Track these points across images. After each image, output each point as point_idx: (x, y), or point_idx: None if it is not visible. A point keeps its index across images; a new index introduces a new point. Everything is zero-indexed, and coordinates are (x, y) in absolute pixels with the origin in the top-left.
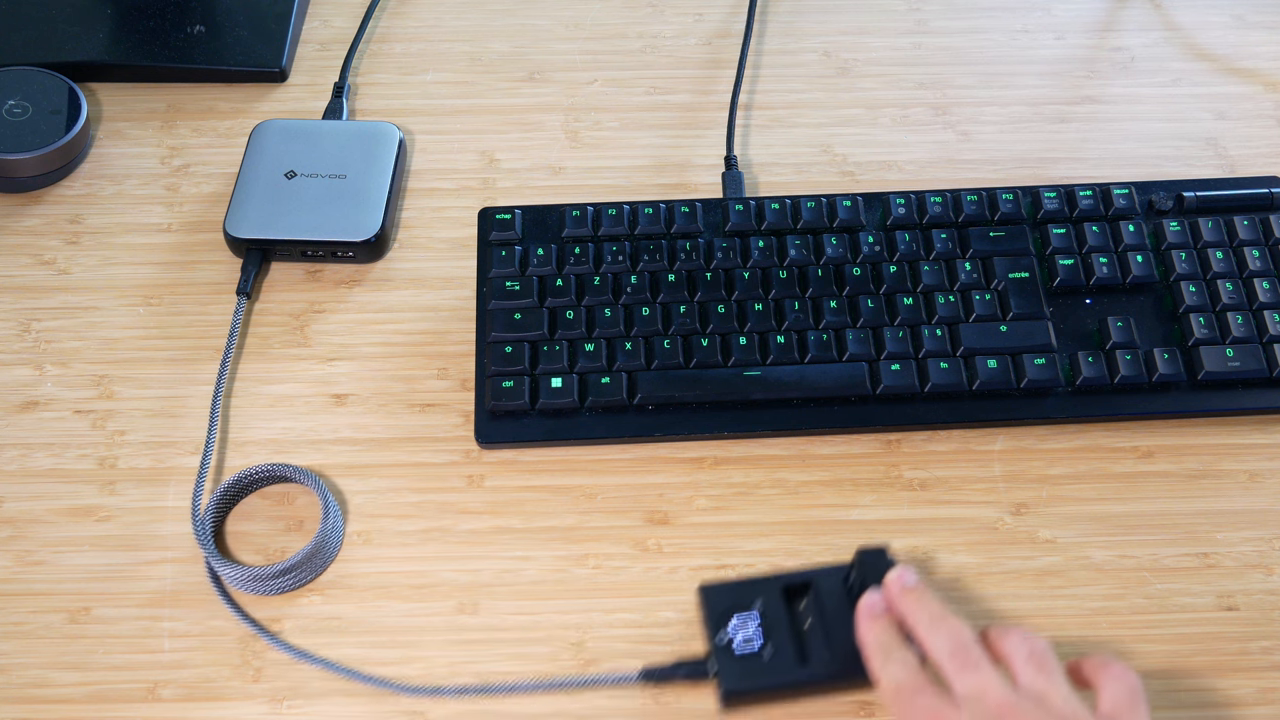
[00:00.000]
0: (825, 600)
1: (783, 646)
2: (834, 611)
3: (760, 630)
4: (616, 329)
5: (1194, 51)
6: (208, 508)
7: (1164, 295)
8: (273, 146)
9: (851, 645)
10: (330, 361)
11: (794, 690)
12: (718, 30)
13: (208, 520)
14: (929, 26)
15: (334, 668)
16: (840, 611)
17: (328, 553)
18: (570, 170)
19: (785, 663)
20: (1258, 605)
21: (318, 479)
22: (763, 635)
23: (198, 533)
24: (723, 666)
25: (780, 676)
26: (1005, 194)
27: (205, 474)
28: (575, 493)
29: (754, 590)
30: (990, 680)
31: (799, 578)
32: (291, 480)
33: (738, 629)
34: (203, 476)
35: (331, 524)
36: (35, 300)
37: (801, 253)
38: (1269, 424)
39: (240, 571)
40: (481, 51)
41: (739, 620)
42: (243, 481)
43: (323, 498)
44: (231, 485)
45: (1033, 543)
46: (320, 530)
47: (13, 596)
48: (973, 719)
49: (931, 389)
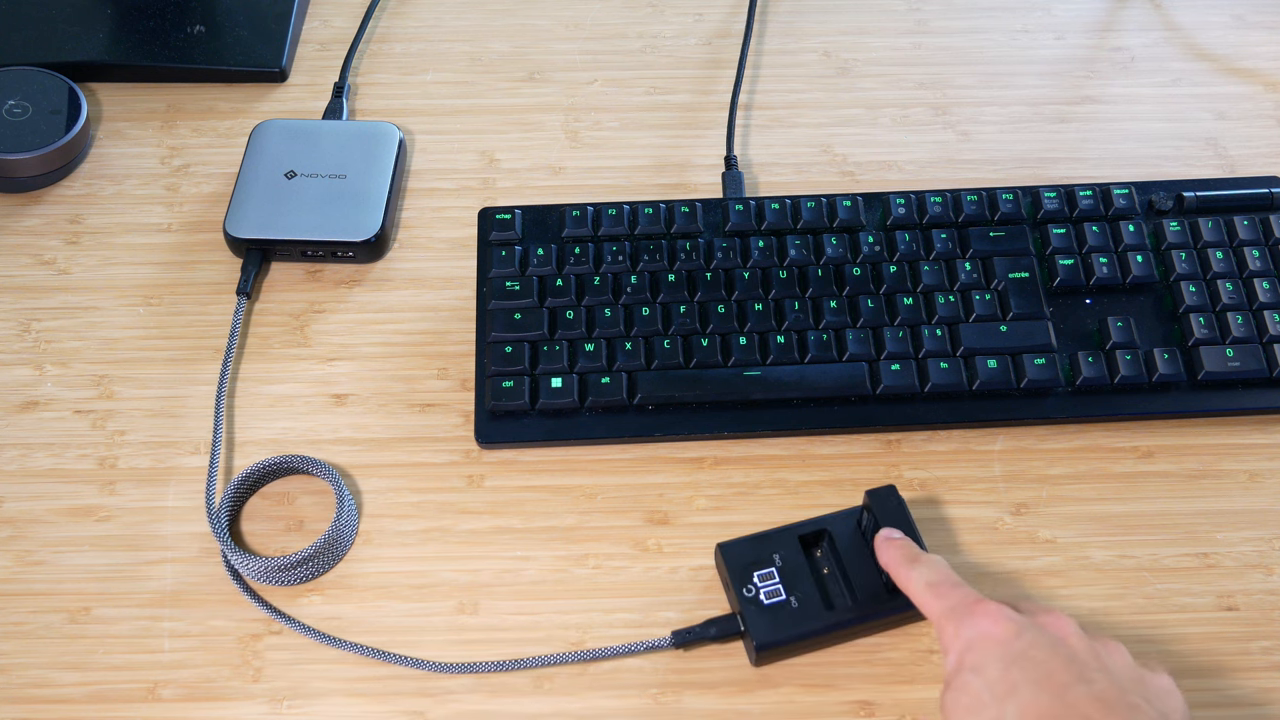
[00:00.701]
0: (841, 545)
1: (808, 595)
2: (851, 555)
3: (783, 581)
4: (616, 329)
5: (1194, 51)
6: (223, 501)
7: (1164, 295)
8: (273, 146)
9: (874, 585)
10: (330, 361)
11: (824, 636)
12: (718, 30)
13: (223, 514)
14: (929, 26)
15: (360, 649)
16: (857, 554)
17: (343, 543)
18: (570, 170)
19: (812, 610)
20: (1258, 605)
21: (332, 469)
22: (786, 586)
23: (214, 525)
24: (752, 620)
25: (809, 624)
26: (1005, 194)
27: (215, 470)
28: (575, 493)
29: (772, 543)
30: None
31: (813, 525)
32: (306, 472)
33: (762, 582)
34: (213, 473)
35: (347, 515)
36: (35, 300)
37: (801, 253)
38: (1269, 424)
39: (258, 563)
40: (481, 51)
41: (762, 574)
42: (256, 474)
43: (337, 489)
44: (246, 478)
45: (1033, 543)
46: (335, 521)
47: (13, 596)
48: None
49: (931, 389)
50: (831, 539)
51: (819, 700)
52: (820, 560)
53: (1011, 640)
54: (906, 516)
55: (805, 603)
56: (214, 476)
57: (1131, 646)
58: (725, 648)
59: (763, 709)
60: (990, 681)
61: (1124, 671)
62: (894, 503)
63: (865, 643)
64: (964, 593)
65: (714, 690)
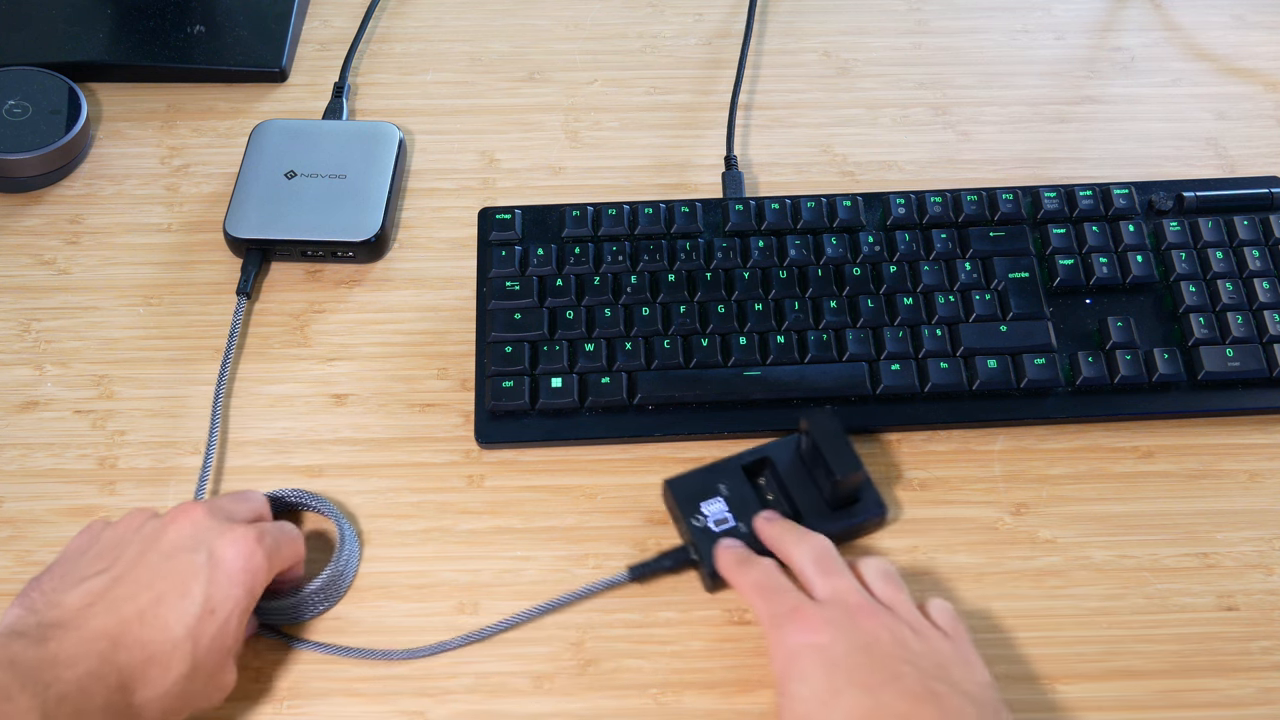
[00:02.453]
0: (783, 471)
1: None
2: (792, 479)
3: (731, 509)
4: (616, 329)
5: (1194, 51)
6: None
7: (1164, 295)
8: (273, 146)
9: (817, 505)
10: (330, 361)
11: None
12: (718, 30)
13: None
14: (929, 26)
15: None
16: (798, 478)
17: (343, 583)
18: (570, 170)
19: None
20: (1258, 605)
21: (333, 506)
22: (735, 513)
23: None
24: (704, 548)
25: (757, 547)
26: (1005, 194)
27: (206, 477)
28: (575, 493)
29: (717, 474)
30: (849, 584)
31: (755, 454)
32: (308, 509)
33: (711, 511)
34: (204, 479)
35: (348, 554)
36: (35, 300)
37: (801, 253)
38: (1269, 424)
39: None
40: (481, 51)
41: (709, 504)
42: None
43: (339, 525)
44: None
45: (1033, 543)
46: (334, 560)
47: (13, 597)
48: (831, 614)
49: (931, 389)
50: (774, 466)
51: None
52: (765, 487)
53: (829, 647)
54: (843, 435)
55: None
56: (205, 479)
57: (1132, 646)
58: (726, 649)
59: (762, 709)
60: (816, 690)
61: (929, 658)
62: (831, 426)
63: None
64: (785, 598)
65: (714, 690)
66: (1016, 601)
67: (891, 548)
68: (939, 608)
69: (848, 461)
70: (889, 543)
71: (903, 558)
